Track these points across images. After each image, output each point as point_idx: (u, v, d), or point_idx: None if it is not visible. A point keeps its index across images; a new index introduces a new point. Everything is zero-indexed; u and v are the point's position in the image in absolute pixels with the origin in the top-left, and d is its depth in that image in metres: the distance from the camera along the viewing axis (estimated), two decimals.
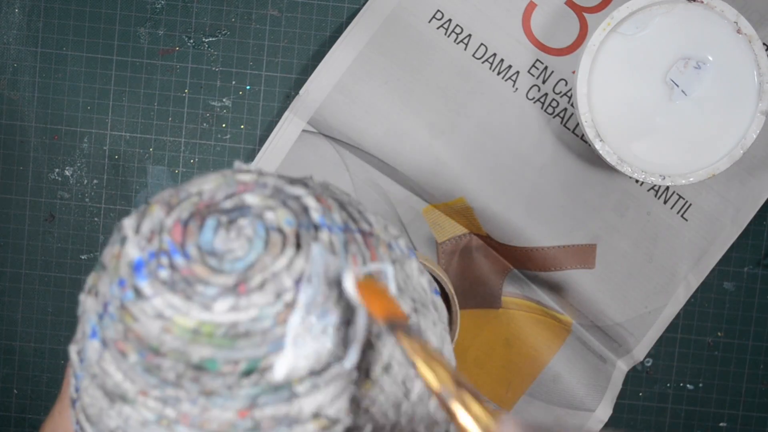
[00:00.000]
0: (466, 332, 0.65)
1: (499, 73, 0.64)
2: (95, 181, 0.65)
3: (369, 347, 0.36)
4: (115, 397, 0.36)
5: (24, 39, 0.65)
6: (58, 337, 0.66)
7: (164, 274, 0.35)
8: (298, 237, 0.36)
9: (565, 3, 0.64)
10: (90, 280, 0.39)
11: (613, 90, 0.59)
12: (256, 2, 0.65)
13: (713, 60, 0.59)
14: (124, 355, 0.36)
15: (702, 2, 0.58)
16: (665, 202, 0.65)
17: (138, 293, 0.35)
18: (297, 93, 0.65)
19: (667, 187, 0.65)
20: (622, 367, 0.66)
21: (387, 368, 0.37)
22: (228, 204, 0.37)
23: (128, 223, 0.37)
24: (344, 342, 0.36)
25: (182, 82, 0.65)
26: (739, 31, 0.58)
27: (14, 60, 0.65)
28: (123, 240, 0.37)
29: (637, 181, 0.64)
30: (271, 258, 0.35)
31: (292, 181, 0.39)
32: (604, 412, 0.66)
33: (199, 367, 0.35)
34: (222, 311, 0.34)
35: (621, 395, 0.67)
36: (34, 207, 0.65)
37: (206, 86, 0.65)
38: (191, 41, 0.65)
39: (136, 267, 0.36)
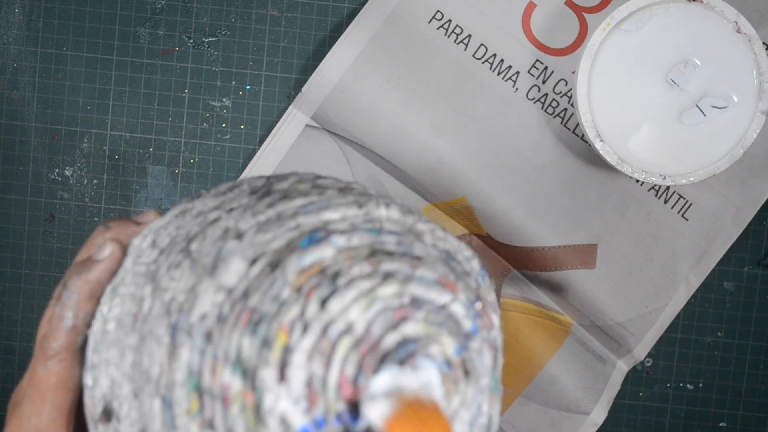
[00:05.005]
0: None
1: (499, 74, 0.64)
2: (95, 181, 0.65)
3: None
4: None
5: (24, 39, 0.65)
6: None
7: None
8: (464, 363, 0.32)
9: (565, 3, 0.64)
10: (187, 403, 0.33)
11: (613, 90, 0.59)
12: (256, 2, 0.65)
13: (713, 59, 0.59)
14: None
15: (702, 2, 0.58)
16: (666, 201, 0.65)
17: None
18: (297, 92, 0.65)
19: (668, 187, 0.65)
20: (622, 368, 0.66)
21: None
22: (389, 341, 0.31)
23: (268, 373, 0.31)
24: None
25: (182, 82, 0.65)
26: (738, 31, 0.59)
27: (14, 60, 0.65)
28: (256, 383, 0.31)
29: (637, 181, 0.64)
30: (448, 400, 0.32)
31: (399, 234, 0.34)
32: (598, 415, 0.66)
33: None
34: None
35: (621, 395, 0.67)
36: (34, 207, 0.65)
37: (206, 86, 0.65)
38: (191, 41, 0.65)
39: None
